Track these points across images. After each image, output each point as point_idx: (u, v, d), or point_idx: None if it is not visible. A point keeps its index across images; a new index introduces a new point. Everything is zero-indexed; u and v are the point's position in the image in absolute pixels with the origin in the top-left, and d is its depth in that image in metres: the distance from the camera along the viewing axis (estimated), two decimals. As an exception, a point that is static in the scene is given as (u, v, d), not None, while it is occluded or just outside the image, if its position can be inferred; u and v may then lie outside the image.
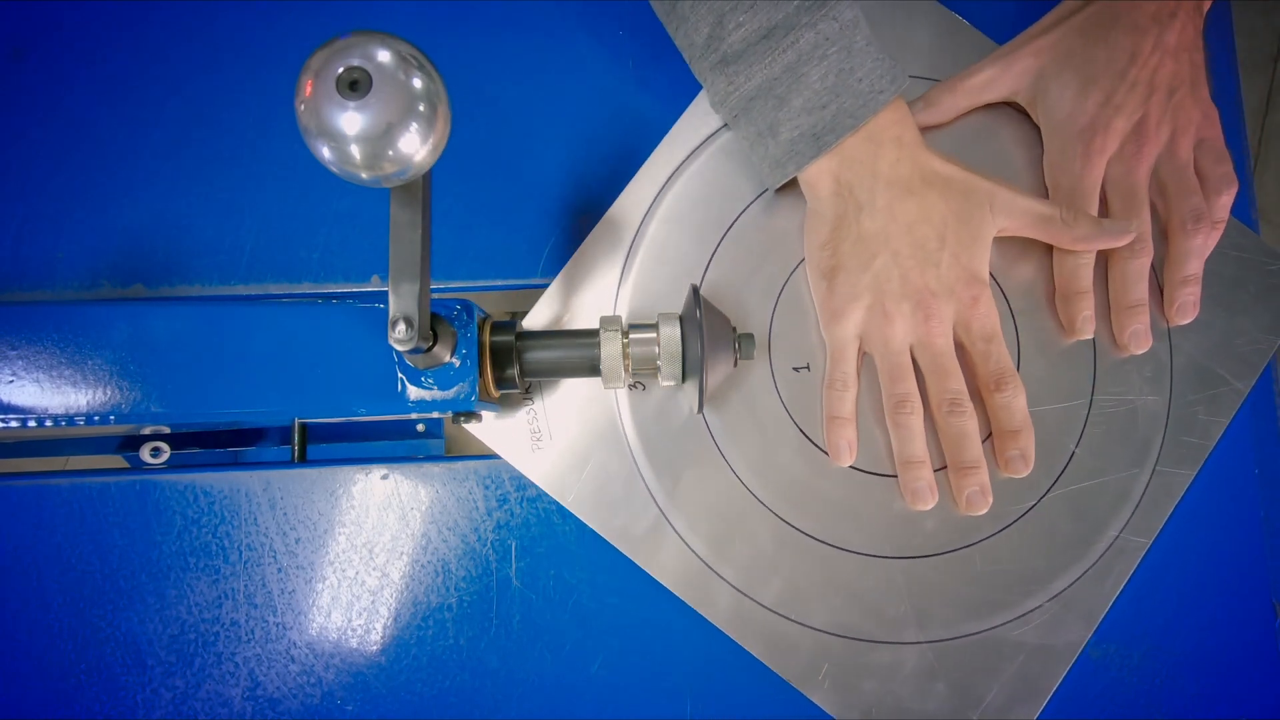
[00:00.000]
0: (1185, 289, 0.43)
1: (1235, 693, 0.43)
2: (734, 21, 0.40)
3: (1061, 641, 0.42)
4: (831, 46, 0.40)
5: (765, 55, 0.40)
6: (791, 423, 0.44)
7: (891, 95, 0.41)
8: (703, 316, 0.38)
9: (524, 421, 0.44)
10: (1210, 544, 0.44)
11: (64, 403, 0.37)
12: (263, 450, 0.58)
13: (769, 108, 0.41)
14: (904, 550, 0.43)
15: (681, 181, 0.46)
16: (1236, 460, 0.45)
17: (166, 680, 0.42)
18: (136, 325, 0.38)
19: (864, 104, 0.40)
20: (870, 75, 0.40)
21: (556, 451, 0.44)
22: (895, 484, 0.43)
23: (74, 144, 0.47)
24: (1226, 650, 0.43)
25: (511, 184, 0.47)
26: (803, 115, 0.41)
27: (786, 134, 0.41)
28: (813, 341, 0.45)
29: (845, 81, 0.40)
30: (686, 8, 0.41)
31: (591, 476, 0.43)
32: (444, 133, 0.28)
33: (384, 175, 0.27)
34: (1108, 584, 0.43)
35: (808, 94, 0.40)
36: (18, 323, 0.38)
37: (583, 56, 0.49)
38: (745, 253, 0.46)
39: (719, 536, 0.43)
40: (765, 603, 0.42)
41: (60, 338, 0.37)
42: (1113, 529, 0.43)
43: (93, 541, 0.43)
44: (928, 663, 0.42)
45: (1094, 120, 0.42)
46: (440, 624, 0.43)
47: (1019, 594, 0.43)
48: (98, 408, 0.37)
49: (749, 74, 0.41)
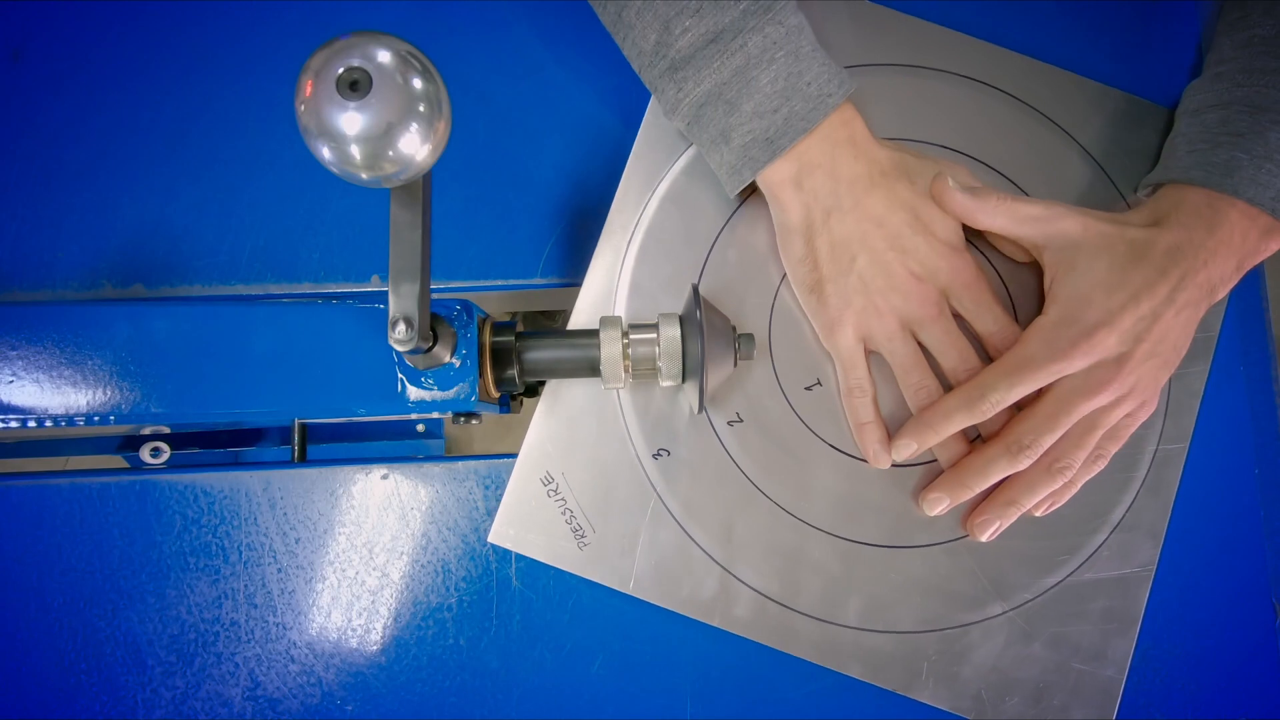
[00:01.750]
0: (1004, 511, 0.42)
1: (1235, 693, 0.43)
2: (680, 26, 0.40)
3: (1135, 566, 0.43)
4: (779, 50, 0.40)
5: (713, 59, 0.40)
6: (819, 440, 0.44)
7: (840, 99, 0.41)
8: (703, 316, 0.38)
9: (563, 523, 0.43)
10: (1210, 544, 0.44)
11: (64, 403, 0.37)
12: (263, 450, 0.58)
13: (720, 113, 0.41)
14: (962, 530, 0.44)
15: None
16: (1237, 460, 0.45)
17: (166, 680, 0.42)
18: (136, 325, 0.38)
19: (814, 107, 0.40)
20: (819, 79, 0.41)
21: (603, 542, 0.43)
22: (936, 469, 0.44)
23: (74, 144, 0.47)
24: (1226, 650, 0.43)
25: (511, 184, 0.47)
26: (754, 120, 0.41)
27: (739, 139, 0.41)
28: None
29: (795, 85, 0.40)
30: (633, 13, 0.41)
31: (645, 555, 0.43)
32: (444, 134, 0.28)
33: (384, 175, 0.27)
34: (1161, 497, 0.44)
35: (758, 98, 0.40)
36: (18, 323, 0.38)
37: (583, 56, 0.49)
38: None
39: (786, 573, 0.43)
40: (849, 623, 0.43)
41: (60, 338, 0.37)
42: (1149, 444, 0.45)
43: (93, 541, 0.43)
44: (1019, 629, 0.43)
45: (1100, 322, 0.40)
46: (440, 624, 0.43)
47: (1083, 534, 0.44)
48: (98, 408, 0.37)
49: (698, 79, 0.41)
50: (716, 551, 0.43)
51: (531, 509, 0.43)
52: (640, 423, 0.44)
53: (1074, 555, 0.43)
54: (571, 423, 0.44)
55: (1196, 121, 0.44)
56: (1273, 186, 0.41)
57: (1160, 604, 0.43)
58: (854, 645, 0.43)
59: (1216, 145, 0.42)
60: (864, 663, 0.42)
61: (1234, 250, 0.41)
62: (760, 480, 0.44)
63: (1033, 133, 0.48)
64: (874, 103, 0.47)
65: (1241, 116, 0.42)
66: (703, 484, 0.44)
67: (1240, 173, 0.41)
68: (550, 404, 0.44)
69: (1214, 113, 0.43)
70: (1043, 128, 0.48)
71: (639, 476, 0.44)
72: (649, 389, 0.44)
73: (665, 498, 0.43)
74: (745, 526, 0.43)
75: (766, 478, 0.44)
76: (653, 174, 0.46)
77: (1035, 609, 0.43)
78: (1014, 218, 0.43)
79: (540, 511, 0.43)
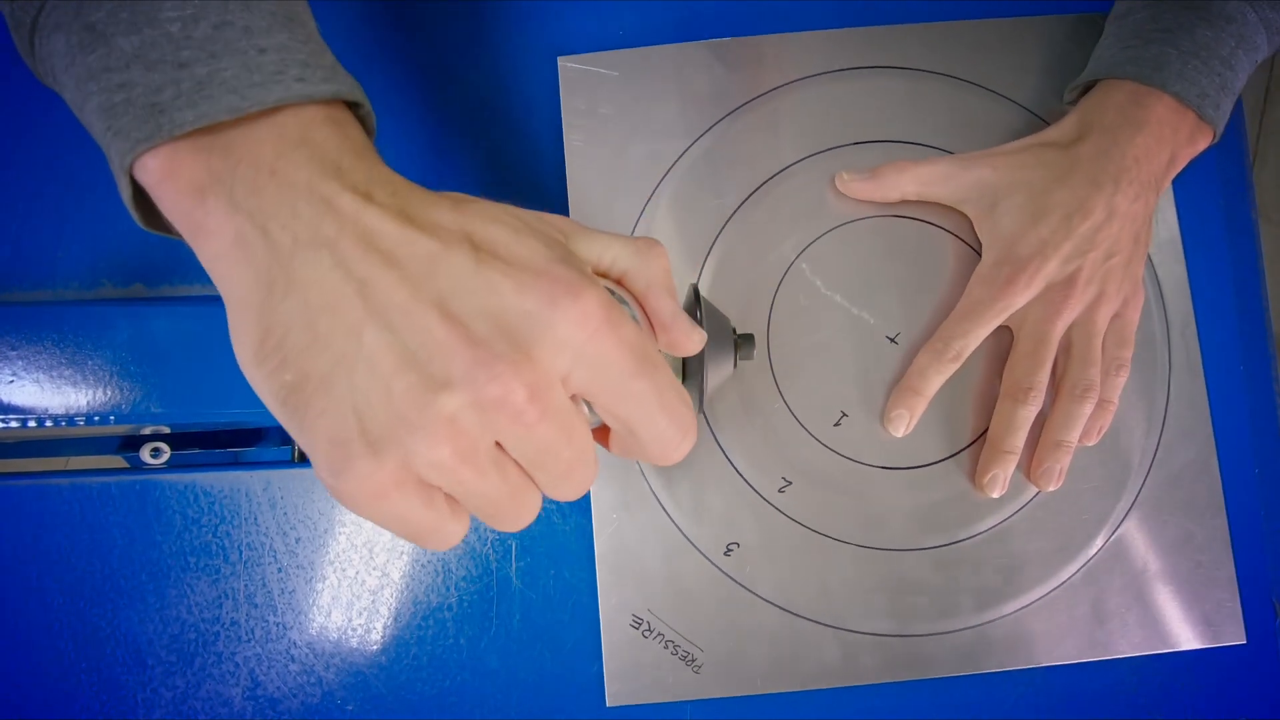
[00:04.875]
0: (1056, 454, 0.42)
1: (1235, 693, 0.43)
2: None
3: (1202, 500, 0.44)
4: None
5: None
6: (864, 466, 0.44)
7: (329, 91, 0.26)
8: (703, 316, 0.38)
9: (669, 656, 0.42)
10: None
11: (64, 403, 0.37)
12: (263, 450, 0.58)
13: (74, 37, 0.24)
14: (1017, 504, 0.44)
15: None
16: (1237, 460, 0.45)
17: (166, 680, 0.42)
18: (136, 325, 0.38)
19: (274, 83, 0.24)
20: (288, 57, 0.25)
21: (715, 656, 0.42)
22: (977, 451, 0.44)
23: (74, 144, 0.47)
24: (1226, 650, 0.43)
25: (512, 184, 0.47)
26: (136, 65, 0.24)
27: (99, 96, 0.24)
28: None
29: (234, 42, 0.24)
30: None
31: (757, 650, 0.42)
32: None
33: None
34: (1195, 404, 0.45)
35: (155, 32, 0.24)
36: (18, 323, 0.38)
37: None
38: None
39: (893, 605, 0.42)
40: (969, 624, 0.42)
41: (60, 338, 0.37)
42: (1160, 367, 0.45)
43: (93, 541, 0.43)
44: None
45: (1033, 253, 0.41)
46: (440, 624, 0.43)
47: (1131, 471, 0.44)
48: (98, 408, 0.37)
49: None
50: (823, 615, 0.42)
51: (635, 658, 0.42)
52: (698, 526, 0.43)
53: (1120, 498, 0.44)
54: (635, 556, 0.43)
55: (1127, 22, 0.44)
56: (1199, 84, 0.41)
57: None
58: (980, 640, 0.42)
59: (1147, 41, 0.42)
60: (1006, 653, 0.42)
61: (1165, 143, 0.41)
62: (833, 530, 0.43)
63: (966, 102, 0.47)
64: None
65: (1171, 13, 0.42)
66: (784, 560, 0.43)
67: (1169, 67, 0.41)
68: (607, 546, 0.43)
69: (1144, 10, 0.43)
70: (973, 95, 0.47)
71: (722, 580, 0.43)
72: (683, 491, 0.43)
73: (754, 587, 0.43)
74: (838, 579, 0.43)
75: (838, 525, 0.43)
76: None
77: (1098, 566, 0.43)
78: (920, 181, 0.43)
79: (644, 655, 0.42)
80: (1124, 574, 0.43)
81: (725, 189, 0.46)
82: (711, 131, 0.47)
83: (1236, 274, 0.47)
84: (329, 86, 0.26)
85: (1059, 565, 0.43)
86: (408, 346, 0.23)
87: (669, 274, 0.31)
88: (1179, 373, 0.45)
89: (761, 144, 0.47)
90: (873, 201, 0.45)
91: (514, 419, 0.24)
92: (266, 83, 0.24)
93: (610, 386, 0.26)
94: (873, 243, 0.46)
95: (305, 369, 0.24)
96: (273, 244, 0.24)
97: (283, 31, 0.26)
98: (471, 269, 0.24)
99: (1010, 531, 0.43)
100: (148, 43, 0.24)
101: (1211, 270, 0.47)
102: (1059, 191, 0.41)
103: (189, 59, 0.24)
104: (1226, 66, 0.41)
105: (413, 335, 0.23)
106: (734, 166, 0.46)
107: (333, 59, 0.28)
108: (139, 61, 0.24)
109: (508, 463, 0.26)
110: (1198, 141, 0.42)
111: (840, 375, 0.44)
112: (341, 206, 0.24)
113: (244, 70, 0.24)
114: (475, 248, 0.25)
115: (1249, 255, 0.47)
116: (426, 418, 0.23)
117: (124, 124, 0.24)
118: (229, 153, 0.24)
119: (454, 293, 0.24)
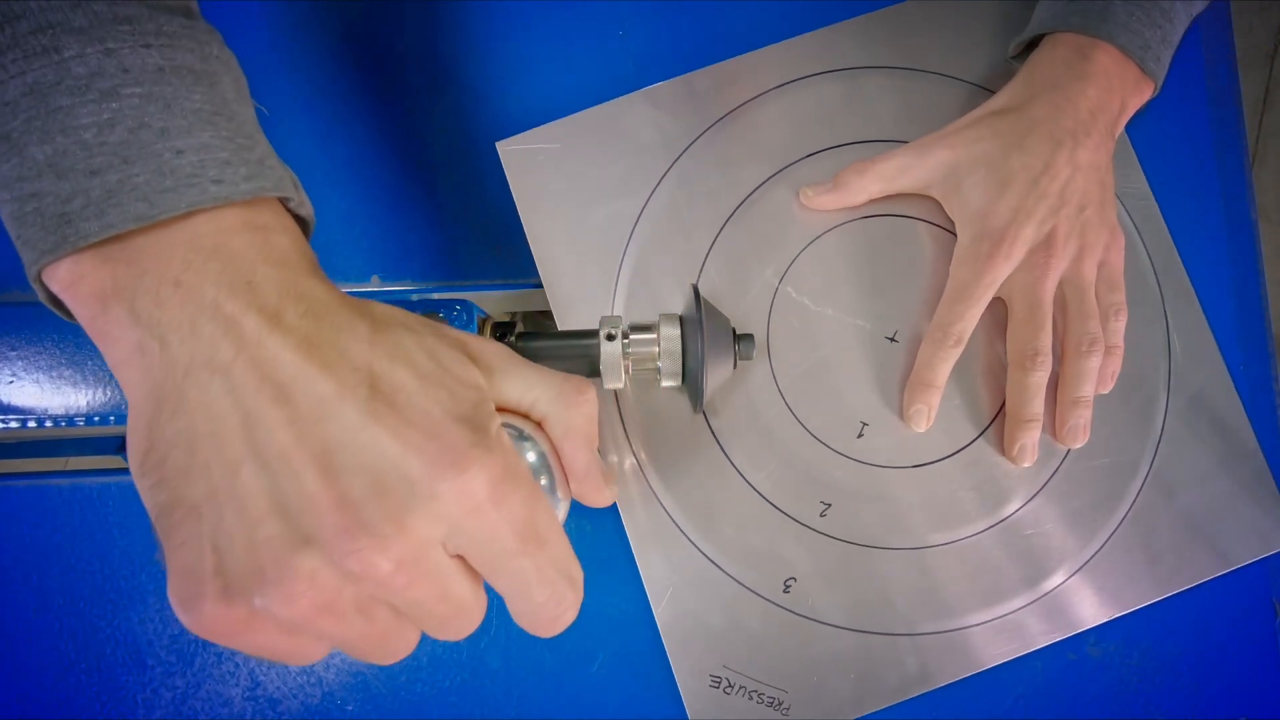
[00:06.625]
0: (1076, 411, 0.42)
1: (1235, 693, 0.43)
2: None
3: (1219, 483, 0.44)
4: (134, 86, 0.24)
5: (10, 51, 0.23)
6: (884, 469, 0.44)
7: (250, 190, 0.25)
8: (703, 316, 0.38)
9: (757, 706, 0.41)
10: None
11: (64, 403, 0.37)
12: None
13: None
14: (1033, 490, 0.44)
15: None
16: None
17: (166, 680, 0.42)
18: (136, 325, 0.38)
19: (187, 187, 0.24)
20: (208, 157, 0.24)
21: (800, 693, 0.42)
22: (992, 436, 0.44)
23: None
24: (1226, 650, 0.43)
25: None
26: (48, 174, 0.23)
27: (10, 205, 0.24)
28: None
29: (149, 145, 0.24)
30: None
31: (840, 678, 0.42)
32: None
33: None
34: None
35: (68, 140, 0.23)
36: (18, 323, 0.38)
37: (582, 56, 0.49)
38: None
39: (943, 599, 0.43)
40: (1021, 603, 0.43)
41: (60, 338, 0.37)
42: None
43: (93, 541, 0.43)
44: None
45: (1007, 223, 0.41)
46: (440, 624, 0.43)
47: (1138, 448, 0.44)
48: (98, 408, 0.37)
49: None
50: (893, 626, 0.42)
51: (724, 717, 0.41)
52: (750, 570, 0.43)
53: (1130, 479, 0.44)
54: (695, 618, 0.42)
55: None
56: (1142, 35, 0.42)
57: (1160, 604, 0.43)
58: (1052, 609, 0.42)
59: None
60: (1077, 616, 0.43)
61: (1115, 92, 0.42)
62: (881, 540, 0.43)
63: (908, 89, 0.47)
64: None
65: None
66: (842, 582, 0.43)
67: (1114, 18, 0.42)
68: (667, 615, 0.42)
69: None
70: (912, 80, 0.47)
71: (787, 617, 0.42)
72: (726, 539, 0.43)
73: (820, 617, 0.42)
74: (898, 587, 0.43)
75: (885, 533, 0.43)
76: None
77: (1105, 556, 0.43)
78: (882, 178, 0.44)
79: (731, 712, 0.41)
80: (1167, 509, 0.43)
81: (694, 231, 0.46)
82: (667, 178, 0.46)
83: (1236, 274, 0.47)
84: (251, 185, 0.25)
85: (1104, 517, 0.43)
86: (281, 493, 0.23)
87: (592, 421, 0.30)
88: (1173, 300, 0.46)
89: (718, 178, 0.46)
90: (841, 209, 0.45)
91: (378, 585, 0.23)
92: (179, 187, 0.23)
93: (487, 560, 0.25)
94: (850, 249, 0.46)
95: (179, 493, 0.23)
96: (170, 360, 0.23)
97: (205, 129, 0.25)
98: (360, 422, 0.23)
99: (1050, 496, 0.43)
100: (60, 151, 0.23)
101: (1211, 270, 0.47)
102: (1019, 156, 0.41)
103: (101, 165, 0.23)
104: (1166, 19, 0.42)
105: (288, 482, 0.23)
106: (696, 207, 0.46)
107: (264, 151, 0.27)
108: (50, 170, 0.23)
109: (377, 606, 0.24)
110: (1142, 92, 0.43)
111: (851, 386, 0.44)
112: (244, 329, 0.23)
113: (156, 175, 0.23)
114: (372, 393, 0.24)
115: (1249, 255, 0.47)
116: (283, 573, 0.22)
117: (31, 234, 0.24)
118: (135, 262, 0.23)
119: (339, 446, 0.23)
